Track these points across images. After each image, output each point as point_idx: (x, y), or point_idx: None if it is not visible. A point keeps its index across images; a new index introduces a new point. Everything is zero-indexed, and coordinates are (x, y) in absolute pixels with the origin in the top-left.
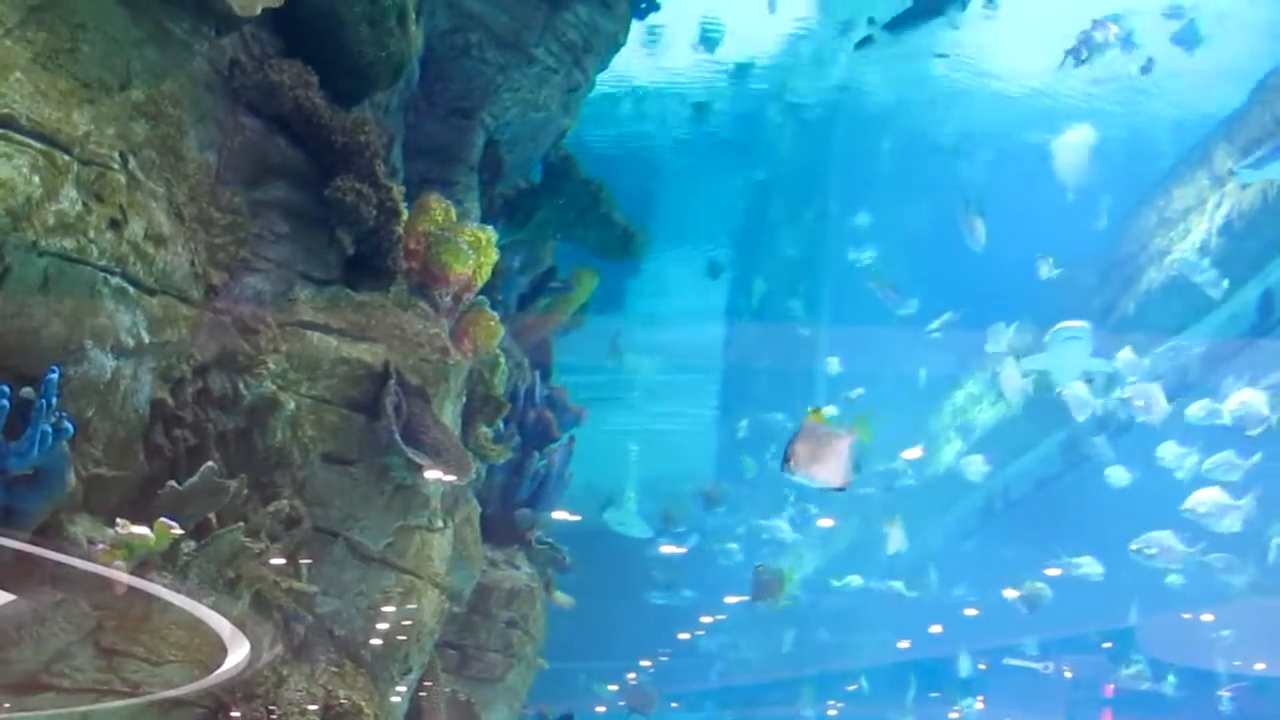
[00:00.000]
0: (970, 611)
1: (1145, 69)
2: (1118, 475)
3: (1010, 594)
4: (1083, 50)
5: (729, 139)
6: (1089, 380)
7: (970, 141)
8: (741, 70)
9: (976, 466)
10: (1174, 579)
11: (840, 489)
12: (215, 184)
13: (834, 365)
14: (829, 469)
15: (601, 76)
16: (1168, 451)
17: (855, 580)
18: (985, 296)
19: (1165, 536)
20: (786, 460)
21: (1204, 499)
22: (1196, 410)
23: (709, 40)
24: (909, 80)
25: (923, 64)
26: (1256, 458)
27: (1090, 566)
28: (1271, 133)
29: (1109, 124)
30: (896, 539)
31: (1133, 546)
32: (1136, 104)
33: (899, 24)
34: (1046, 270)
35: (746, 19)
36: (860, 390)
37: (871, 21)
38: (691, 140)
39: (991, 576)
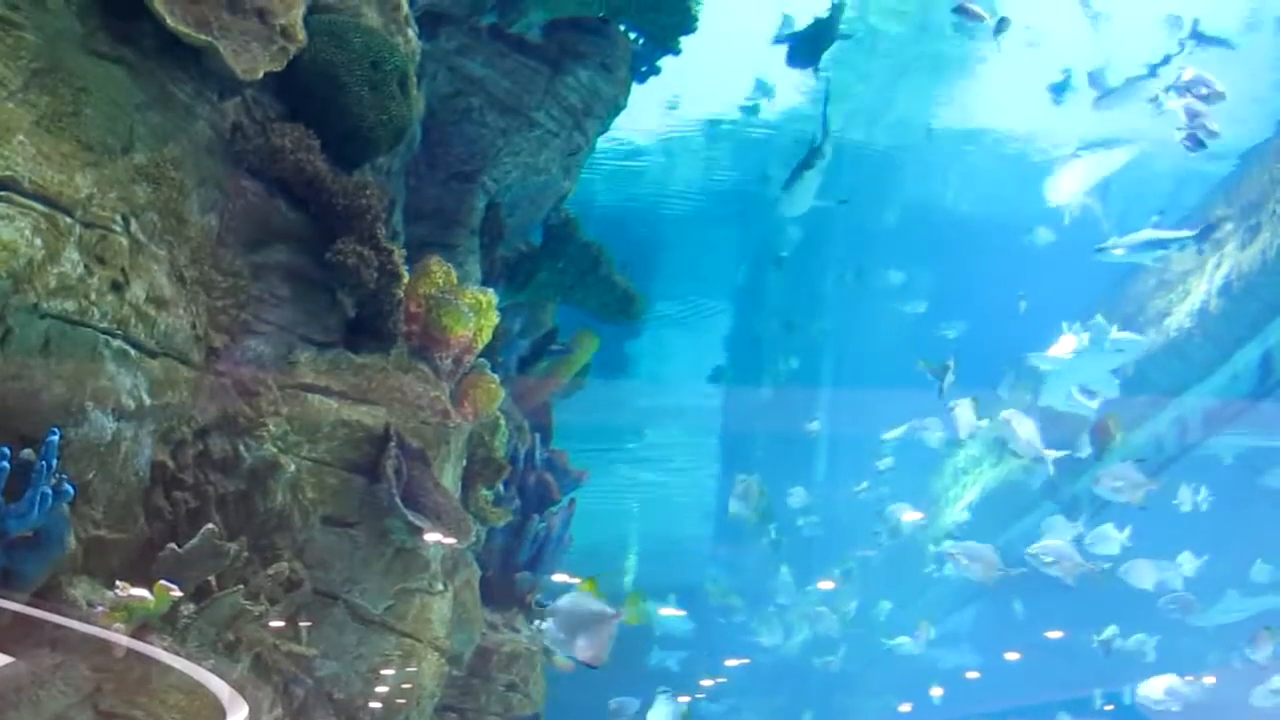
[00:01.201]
0: (971, 674)
1: (1191, 145)
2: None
3: (1011, 656)
4: (1194, 135)
5: (730, 200)
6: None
7: (970, 197)
8: (741, 128)
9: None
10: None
11: (593, 667)
12: (217, 247)
13: (814, 427)
14: (588, 647)
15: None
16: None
17: (905, 640)
18: (986, 357)
19: (983, 550)
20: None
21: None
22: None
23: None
24: (906, 137)
25: (919, 120)
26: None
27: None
28: (1269, 194)
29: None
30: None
31: (946, 547)
32: (1135, 161)
33: (790, 183)
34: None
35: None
36: (889, 460)
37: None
38: (693, 201)
39: (992, 639)
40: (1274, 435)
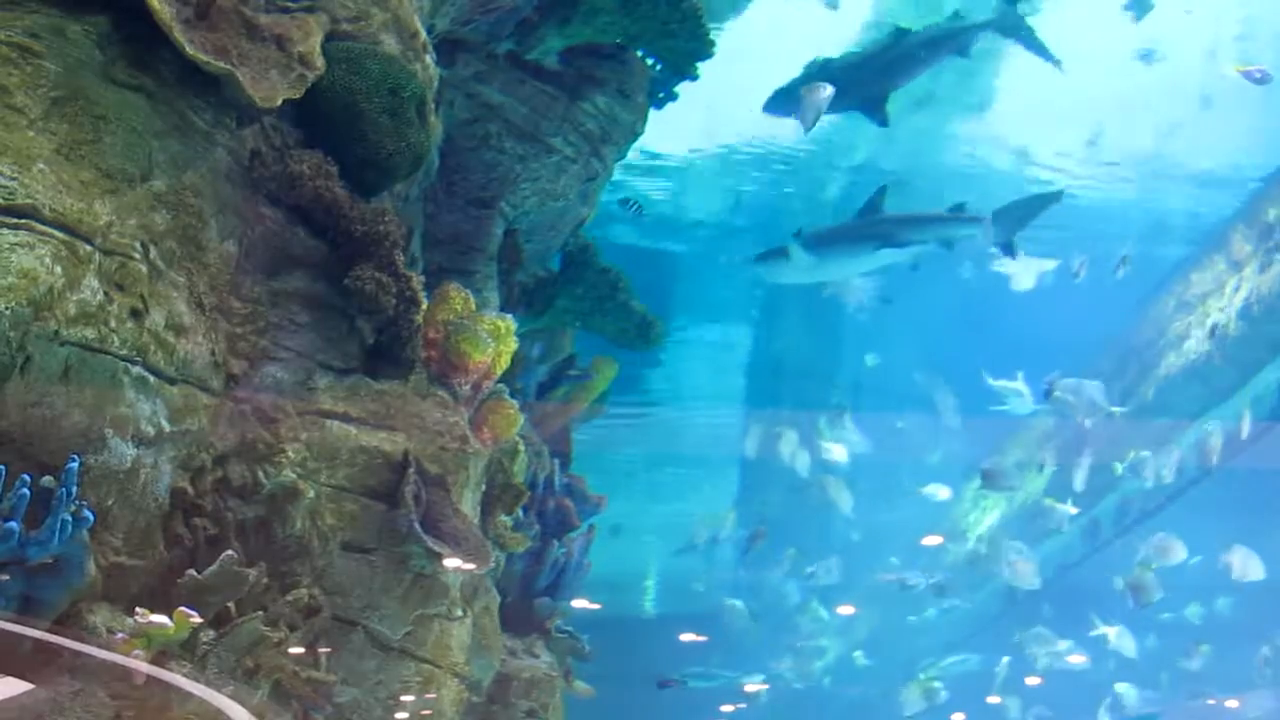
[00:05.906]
0: (993, 699)
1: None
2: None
3: (1032, 680)
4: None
5: (749, 226)
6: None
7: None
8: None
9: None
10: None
11: None
12: (236, 274)
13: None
14: None
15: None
16: None
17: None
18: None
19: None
20: None
21: None
22: None
23: None
24: (927, 161)
25: (939, 145)
26: None
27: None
28: None
29: (1126, 205)
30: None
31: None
32: (1152, 185)
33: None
34: None
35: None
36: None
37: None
38: (712, 228)
39: (1014, 663)
40: None
